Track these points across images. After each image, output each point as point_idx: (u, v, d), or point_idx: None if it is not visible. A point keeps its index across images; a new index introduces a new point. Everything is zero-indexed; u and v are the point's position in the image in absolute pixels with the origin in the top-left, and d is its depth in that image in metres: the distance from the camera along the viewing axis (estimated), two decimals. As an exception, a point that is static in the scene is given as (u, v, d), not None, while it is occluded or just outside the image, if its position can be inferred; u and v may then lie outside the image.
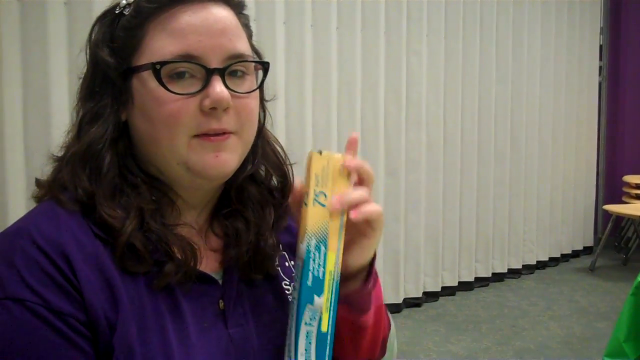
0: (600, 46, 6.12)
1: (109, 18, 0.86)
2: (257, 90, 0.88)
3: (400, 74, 4.35)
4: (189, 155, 0.82)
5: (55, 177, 0.85)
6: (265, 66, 0.89)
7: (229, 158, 0.84)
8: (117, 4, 0.85)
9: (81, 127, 0.85)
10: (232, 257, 0.90)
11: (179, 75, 0.81)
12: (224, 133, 0.83)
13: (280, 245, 0.98)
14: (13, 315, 0.72)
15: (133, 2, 0.83)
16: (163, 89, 0.80)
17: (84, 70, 0.88)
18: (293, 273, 0.95)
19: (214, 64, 0.81)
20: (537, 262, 5.57)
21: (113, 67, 0.83)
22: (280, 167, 0.97)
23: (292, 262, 0.99)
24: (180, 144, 0.82)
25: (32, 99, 2.83)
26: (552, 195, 5.68)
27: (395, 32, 4.31)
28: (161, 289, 0.82)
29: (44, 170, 0.88)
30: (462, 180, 4.87)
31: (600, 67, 6.15)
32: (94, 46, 0.86)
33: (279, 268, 0.97)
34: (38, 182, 0.88)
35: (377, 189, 4.25)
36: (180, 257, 0.83)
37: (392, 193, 4.38)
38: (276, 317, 0.92)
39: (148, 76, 0.81)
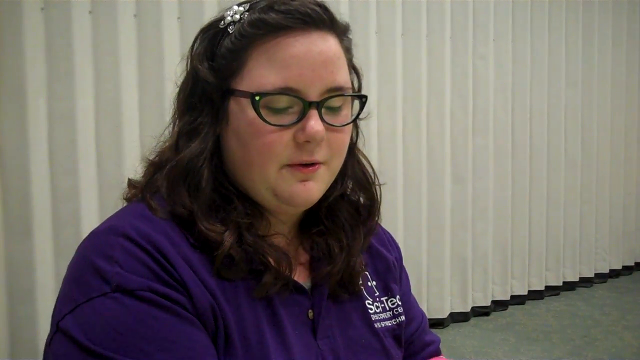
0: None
1: (212, 32, 0.87)
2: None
3: (466, 80, 4.30)
4: (278, 183, 0.84)
5: (148, 182, 0.87)
6: (362, 99, 0.90)
7: (315, 187, 0.86)
8: (222, 18, 0.86)
9: (179, 139, 0.86)
10: (325, 274, 0.91)
11: (277, 107, 0.81)
12: (314, 164, 0.84)
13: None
14: (126, 305, 0.73)
15: (238, 22, 0.84)
16: (260, 119, 0.81)
17: (182, 79, 0.89)
18: (375, 293, 0.98)
19: (312, 97, 0.82)
20: (610, 270, 5.42)
21: (213, 86, 0.84)
22: (368, 187, 0.99)
23: (374, 283, 1.01)
24: (271, 172, 0.83)
25: (104, 110, 2.89)
26: (625, 202, 5.52)
27: (461, 37, 4.27)
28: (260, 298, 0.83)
29: (136, 170, 0.91)
30: (531, 186, 4.79)
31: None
32: (195, 59, 0.87)
33: (362, 287, 0.97)
34: (130, 183, 0.90)
35: (444, 196, 4.22)
36: (276, 267, 0.84)
37: (459, 200, 4.33)
38: (361, 333, 0.93)
39: (246, 103, 0.82)
